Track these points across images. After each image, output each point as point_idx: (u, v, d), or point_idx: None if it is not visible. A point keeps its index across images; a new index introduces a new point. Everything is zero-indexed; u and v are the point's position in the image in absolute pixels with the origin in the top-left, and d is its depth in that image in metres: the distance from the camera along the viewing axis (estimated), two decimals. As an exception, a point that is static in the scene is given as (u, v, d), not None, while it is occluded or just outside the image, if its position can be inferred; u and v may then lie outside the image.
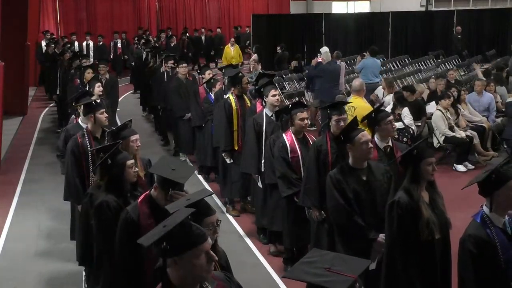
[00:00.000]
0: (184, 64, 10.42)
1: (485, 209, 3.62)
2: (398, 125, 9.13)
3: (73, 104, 6.82)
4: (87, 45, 19.62)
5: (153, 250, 3.36)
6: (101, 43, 20.36)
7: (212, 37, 23.54)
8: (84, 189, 5.49)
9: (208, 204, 3.27)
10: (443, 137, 9.62)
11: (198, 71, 10.10)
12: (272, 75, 8.87)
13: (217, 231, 3.23)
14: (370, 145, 4.66)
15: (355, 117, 5.26)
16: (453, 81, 12.02)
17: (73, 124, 6.57)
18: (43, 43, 18.51)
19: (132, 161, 4.39)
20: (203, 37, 23.22)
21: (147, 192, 3.99)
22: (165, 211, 3.82)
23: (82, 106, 6.23)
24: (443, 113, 9.65)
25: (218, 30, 24.00)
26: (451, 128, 9.69)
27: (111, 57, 20.05)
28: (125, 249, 3.84)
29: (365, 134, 4.66)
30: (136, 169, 4.40)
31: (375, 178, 4.65)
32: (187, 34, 22.28)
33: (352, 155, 4.63)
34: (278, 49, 17.99)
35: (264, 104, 7.08)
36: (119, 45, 20.58)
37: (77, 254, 5.26)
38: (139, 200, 3.97)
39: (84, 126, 6.10)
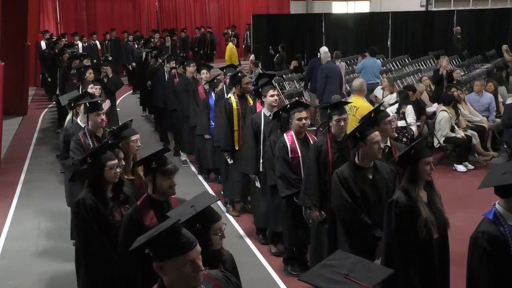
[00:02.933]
0: (193, 64, 10.45)
1: (498, 207, 3.58)
2: (402, 123, 9.16)
3: (72, 105, 6.83)
4: (76, 45, 19.50)
5: None
6: (85, 44, 20.22)
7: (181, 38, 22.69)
8: None
9: (213, 210, 3.28)
10: (443, 137, 9.62)
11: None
12: (272, 75, 8.86)
13: (224, 236, 3.24)
14: (381, 145, 4.68)
15: (371, 116, 5.26)
16: (443, 66, 11.97)
17: (72, 124, 6.58)
18: (43, 43, 18.49)
19: (115, 161, 4.38)
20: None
21: (145, 194, 4.02)
22: (165, 205, 3.88)
23: (81, 106, 6.27)
24: (448, 113, 9.65)
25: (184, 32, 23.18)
26: (452, 129, 9.69)
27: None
28: (132, 252, 3.84)
29: (378, 134, 4.67)
30: (118, 169, 4.40)
31: (381, 177, 4.67)
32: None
33: (362, 153, 4.63)
34: (270, 48, 17.91)
35: (263, 104, 7.09)
36: (99, 46, 20.41)
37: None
38: (138, 202, 3.98)
39: (82, 125, 6.14)
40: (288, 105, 6.11)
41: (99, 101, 6.13)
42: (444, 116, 9.64)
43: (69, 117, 7.42)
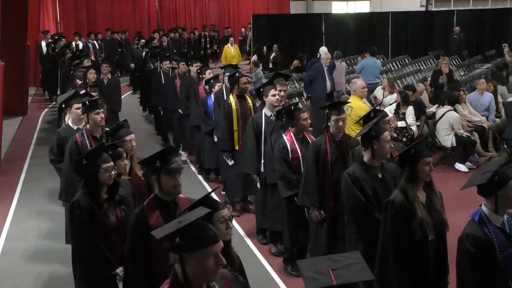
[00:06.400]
0: (196, 64, 10.43)
1: (484, 209, 3.63)
2: (402, 124, 9.17)
3: (63, 106, 6.83)
4: (77, 45, 19.51)
5: (162, 249, 3.38)
6: (84, 43, 20.15)
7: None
8: None
9: (216, 201, 3.31)
10: (453, 138, 9.60)
11: (198, 71, 10.11)
12: (288, 76, 8.85)
13: (229, 226, 3.25)
14: (391, 144, 4.67)
15: (370, 115, 5.28)
16: (446, 70, 11.98)
17: (64, 126, 6.57)
18: (43, 43, 18.46)
19: (110, 164, 4.36)
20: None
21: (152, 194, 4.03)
22: (171, 204, 3.87)
23: (72, 107, 6.26)
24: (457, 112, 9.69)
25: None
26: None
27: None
28: (138, 251, 3.88)
29: (388, 134, 4.69)
30: (113, 172, 4.38)
31: (389, 175, 4.67)
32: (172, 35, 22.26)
33: (373, 152, 4.62)
34: (264, 48, 17.91)
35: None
36: (97, 46, 20.36)
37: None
38: (145, 202, 4.01)
39: (74, 127, 6.14)
40: (292, 107, 6.10)
41: (98, 100, 6.11)
42: (457, 116, 9.63)
43: (67, 117, 7.43)
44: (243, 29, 24.56)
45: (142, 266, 3.85)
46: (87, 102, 5.92)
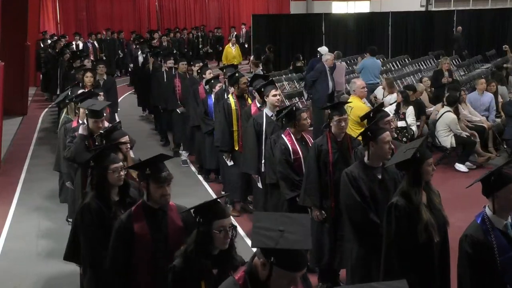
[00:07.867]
0: (198, 64, 10.44)
1: (487, 210, 3.60)
2: (402, 124, 9.17)
3: (78, 104, 6.81)
4: (77, 45, 19.49)
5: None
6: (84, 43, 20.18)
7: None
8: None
9: (222, 208, 3.27)
10: (453, 138, 9.60)
11: (198, 70, 10.10)
12: (267, 76, 8.86)
13: (228, 236, 3.23)
14: (392, 145, 4.66)
15: (370, 115, 5.25)
16: (446, 71, 11.98)
17: (78, 125, 6.56)
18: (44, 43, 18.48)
19: (119, 164, 4.30)
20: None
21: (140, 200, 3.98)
22: (159, 212, 3.84)
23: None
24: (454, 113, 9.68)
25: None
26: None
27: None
28: (119, 257, 3.82)
29: (389, 134, 4.65)
30: (122, 173, 4.31)
31: (390, 177, 4.63)
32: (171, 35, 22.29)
33: (372, 153, 4.59)
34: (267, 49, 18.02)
35: (258, 104, 7.08)
36: (97, 46, 20.33)
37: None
38: (133, 208, 3.93)
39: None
40: (294, 107, 6.10)
41: (99, 109, 6.01)
42: (454, 118, 9.62)
43: (63, 115, 7.42)
44: (232, 29, 24.49)
45: (121, 274, 3.80)
46: (86, 110, 5.89)
